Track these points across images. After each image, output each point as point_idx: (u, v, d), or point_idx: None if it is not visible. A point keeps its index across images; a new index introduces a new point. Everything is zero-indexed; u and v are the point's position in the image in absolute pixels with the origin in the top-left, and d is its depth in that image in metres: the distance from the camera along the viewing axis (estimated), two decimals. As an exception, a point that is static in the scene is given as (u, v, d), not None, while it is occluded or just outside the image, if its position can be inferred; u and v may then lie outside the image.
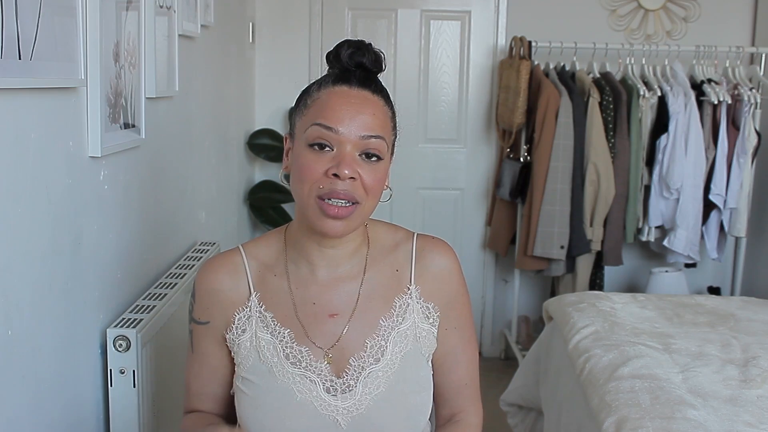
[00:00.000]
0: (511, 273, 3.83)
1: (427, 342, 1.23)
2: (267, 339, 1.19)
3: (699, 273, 3.80)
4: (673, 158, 3.29)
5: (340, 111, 1.11)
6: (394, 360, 1.19)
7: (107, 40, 1.51)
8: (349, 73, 1.15)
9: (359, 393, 1.17)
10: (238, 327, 1.20)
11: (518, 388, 2.63)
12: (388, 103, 1.18)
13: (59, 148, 1.36)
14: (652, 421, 1.68)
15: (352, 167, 1.10)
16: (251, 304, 1.21)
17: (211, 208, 2.66)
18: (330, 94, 1.13)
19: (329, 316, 1.20)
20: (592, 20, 3.70)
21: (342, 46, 1.16)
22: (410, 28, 3.76)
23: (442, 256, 1.26)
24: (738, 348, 2.12)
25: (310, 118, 1.13)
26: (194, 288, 1.24)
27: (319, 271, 1.21)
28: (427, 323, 1.23)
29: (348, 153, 1.10)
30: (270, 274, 1.22)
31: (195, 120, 2.40)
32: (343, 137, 1.10)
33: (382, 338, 1.19)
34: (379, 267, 1.23)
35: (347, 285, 1.21)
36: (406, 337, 1.21)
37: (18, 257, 1.21)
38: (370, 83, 1.16)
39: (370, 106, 1.14)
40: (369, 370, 1.18)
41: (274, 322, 1.20)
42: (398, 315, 1.21)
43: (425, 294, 1.24)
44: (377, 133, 1.12)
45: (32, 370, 1.27)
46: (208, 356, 1.24)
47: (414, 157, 3.81)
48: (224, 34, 2.88)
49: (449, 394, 1.29)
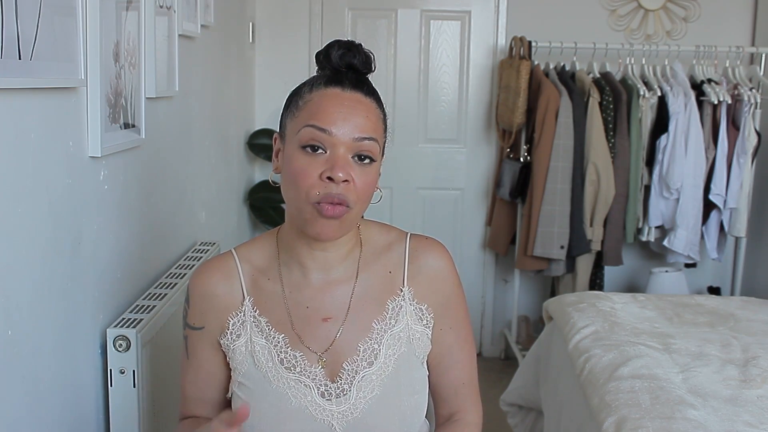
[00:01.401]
0: (511, 273, 3.83)
1: (421, 344, 1.23)
2: (262, 344, 1.18)
3: (699, 273, 3.80)
4: (673, 158, 3.29)
5: (333, 113, 1.10)
6: (388, 363, 1.19)
7: (107, 40, 1.51)
8: (341, 74, 1.14)
9: (353, 397, 1.17)
10: (232, 332, 1.20)
11: (518, 388, 2.63)
12: (379, 105, 1.17)
13: (59, 148, 1.36)
14: (652, 421, 1.68)
15: (345, 170, 1.09)
16: (245, 309, 1.20)
17: (211, 208, 2.66)
18: (322, 96, 1.12)
19: (322, 320, 1.19)
20: (592, 20, 3.70)
21: (332, 46, 1.15)
22: (410, 28, 3.76)
23: (436, 256, 1.25)
24: (738, 348, 2.12)
25: (303, 120, 1.12)
26: (188, 293, 1.24)
27: (311, 274, 1.20)
28: (421, 325, 1.22)
29: (341, 155, 1.10)
30: (263, 278, 1.22)
31: (195, 120, 2.40)
32: (336, 139, 1.09)
33: (374, 341, 1.19)
34: (372, 269, 1.23)
35: (340, 288, 1.21)
36: (399, 340, 1.20)
37: (18, 257, 1.21)
38: (362, 85, 1.15)
39: (363, 108, 1.13)
40: (363, 373, 1.18)
41: (269, 327, 1.19)
42: (391, 317, 1.21)
43: (419, 295, 1.23)
44: (370, 135, 1.12)
45: (32, 370, 1.27)
46: (204, 362, 1.24)
47: (414, 157, 3.81)
48: (224, 34, 2.88)
49: (447, 393, 1.29)
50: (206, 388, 1.25)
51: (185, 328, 1.25)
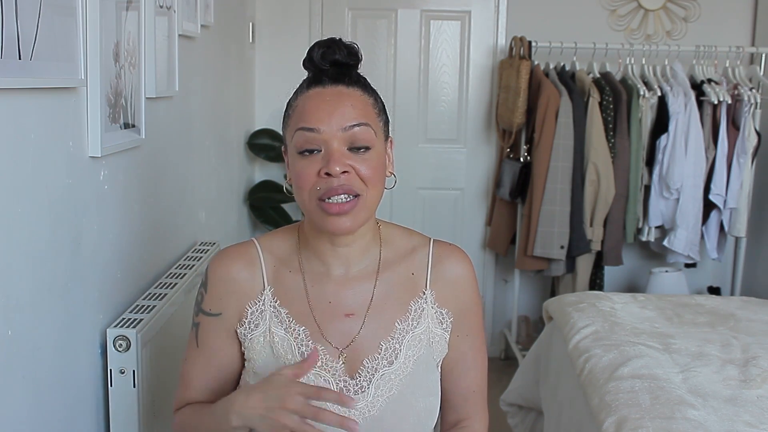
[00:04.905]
0: (511, 273, 3.83)
1: (439, 347, 1.23)
2: (281, 335, 1.18)
3: (699, 273, 3.80)
4: (673, 158, 3.29)
5: (317, 111, 1.12)
6: (407, 363, 1.19)
7: (107, 40, 1.51)
8: (322, 72, 1.15)
9: (371, 395, 1.17)
10: (251, 321, 1.19)
11: (518, 388, 2.63)
12: (367, 91, 1.17)
13: (59, 148, 1.36)
14: (652, 421, 1.68)
15: (341, 162, 1.10)
16: (264, 299, 1.20)
17: (211, 208, 2.66)
18: (305, 99, 1.14)
19: (345, 316, 1.19)
20: (592, 20, 3.70)
21: (313, 49, 1.17)
22: (410, 28, 3.76)
23: (459, 263, 1.26)
24: (738, 348, 2.12)
25: (293, 126, 1.14)
26: (206, 277, 1.22)
27: (333, 270, 1.21)
28: (441, 329, 1.23)
29: (335, 149, 1.10)
30: (285, 270, 1.22)
31: (195, 120, 2.40)
32: (326, 135, 1.10)
33: (396, 341, 1.19)
34: (395, 269, 1.23)
35: (361, 285, 1.21)
36: (419, 341, 1.20)
37: (18, 257, 1.21)
38: (343, 77, 1.15)
39: (346, 99, 1.13)
40: (382, 372, 1.18)
41: (290, 319, 1.19)
42: (413, 318, 1.21)
43: (440, 300, 1.23)
44: (359, 121, 1.12)
45: (32, 370, 1.27)
46: (216, 350, 1.22)
47: (414, 157, 3.81)
48: (224, 34, 2.88)
49: (457, 400, 1.29)
50: (216, 379, 1.24)
51: (199, 314, 1.23)
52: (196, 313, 1.24)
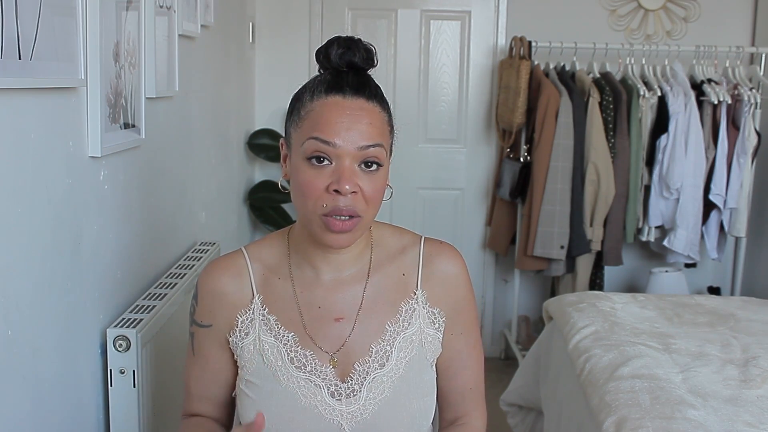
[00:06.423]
0: (511, 273, 3.83)
1: (432, 347, 1.23)
2: (270, 342, 1.18)
3: (699, 273, 3.80)
4: (673, 158, 3.29)
5: (335, 124, 1.08)
6: (399, 365, 1.19)
7: (107, 40, 1.51)
8: (341, 78, 1.12)
9: (363, 398, 1.17)
10: (241, 330, 1.19)
11: (518, 388, 2.63)
12: (384, 107, 1.15)
13: (59, 148, 1.36)
14: (652, 421, 1.68)
15: (352, 181, 1.08)
16: (254, 307, 1.20)
17: (211, 208, 2.66)
18: (323, 106, 1.10)
19: (335, 320, 1.19)
20: (592, 20, 3.70)
21: (332, 44, 1.13)
22: (410, 28, 3.76)
23: (450, 261, 1.25)
24: (738, 348, 2.12)
25: (306, 132, 1.10)
26: (197, 290, 1.23)
27: (323, 275, 1.20)
28: (433, 328, 1.22)
29: (347, 167, 1.08)
30: (274, 277, 1.22)
31: (195, 120, 2.40)
32: (340, 150, 1.08)
33: (387, 343, 1.19)
34: (385, 271, 1.22)
35: (351, 288, 1.21)
36: (411, 342, 1.20)
37: (18, 257, 1.21)
38: (364, 89, 1.12)
39: (366, 116, 1.10)
40: (374, 375, 1.18)
41: (278, 326, 1.19)
42: (404, 320, 1.21)
43: (432, 299, 1.23)
44: (375, 142, 1.10)
45: (32, 370, 1.27)
46: (210, 359, 1.24)
47: (414, 157, 3.81)
48: (224, 34, 2.88)
49: (454, 398, 1.29)
50: (211, 386, 1.25)
51: (192, 325, 1.24)
52: (190, 323, 1.26)
